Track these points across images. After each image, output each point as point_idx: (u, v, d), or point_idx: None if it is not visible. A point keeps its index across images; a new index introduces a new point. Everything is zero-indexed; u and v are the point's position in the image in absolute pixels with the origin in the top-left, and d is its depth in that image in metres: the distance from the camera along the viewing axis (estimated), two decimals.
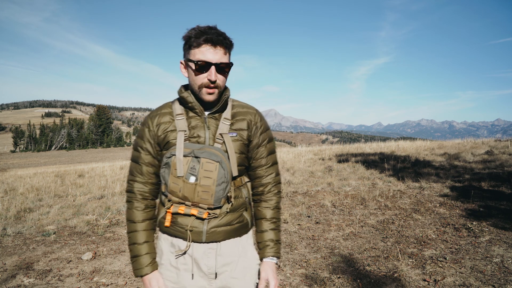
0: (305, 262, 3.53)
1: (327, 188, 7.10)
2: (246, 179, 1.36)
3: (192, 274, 1.28)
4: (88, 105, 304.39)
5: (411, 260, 3.41)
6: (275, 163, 1.40)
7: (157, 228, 1.35)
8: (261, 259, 1.35)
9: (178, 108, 1.28)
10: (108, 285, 3.20)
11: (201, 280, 1.28)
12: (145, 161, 1.28)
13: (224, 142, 1.24)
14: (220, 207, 1.23)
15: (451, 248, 3.68)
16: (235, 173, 1.24)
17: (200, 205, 1.19)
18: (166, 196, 1.24)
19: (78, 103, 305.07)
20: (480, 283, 2.86)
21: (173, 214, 1.24)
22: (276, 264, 1.36)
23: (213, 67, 1.16)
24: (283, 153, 14.80)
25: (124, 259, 3.86)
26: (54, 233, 4.88)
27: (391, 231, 4.37)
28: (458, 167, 8.39)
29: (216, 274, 1.28)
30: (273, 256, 1.34)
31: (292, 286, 3.03)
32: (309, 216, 5.22)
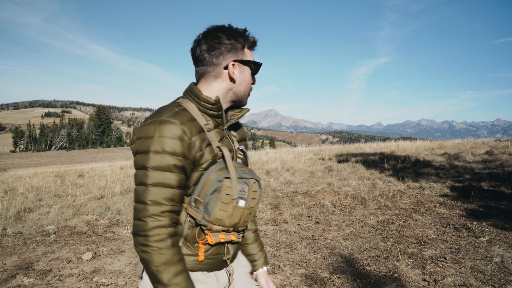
0: (305, 262, 3.53)
1: (327, 188, 7.10)
2: None
3: None
4: (88, 105, 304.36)
5: (411, 260, 3.41)
6: None
7: None
8: (255, 270, 1.34)
9: (199, 115, 1.03)
10: (108, 285, 3.20)
11: None
12: (181, 183, 0.97)
13: (245, 156, 1.17)
14: (246, 229, 1.18)
15: (451, 248, 3.68)
16: None
17: (239, 228, 1.07)
18: (201, 226, 1.02)
19: (78, 103, 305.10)
20: (480, 283, 2.86)
21: (212, 245, 1.06)
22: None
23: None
24: (283, 153, 14.81)
25: (124, 259, 3.86)
26: (54, 233, 4.88)
27: (391, 231, 4.37)
28: (458, 167, 8.39)
29: None
30: (264, 265, 1.34)
31: (292, 286, 3.03)
32: (309, 216, 5.22)
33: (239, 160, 1.13)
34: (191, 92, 1.06)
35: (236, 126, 1.22)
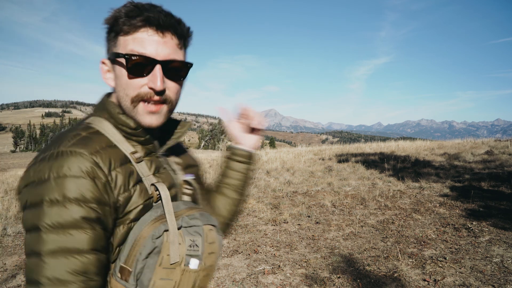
0: (305, 262, 3.54)
1: (327, 188, 7.10)
2: None
3: None
4: (88, 105, 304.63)
5: (411, 260, 3.41)
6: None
7: None
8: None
9: (120, 139, 0.71)
10: None
11: None
12: (97, 245, 0.62)
13: (195, 190, 0.82)
14: None
15: (451, 248, 3.69)
16: None
17: None
18: None
19: (78, 103, 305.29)
20: (480, 283, 2.86)
21: None
22: None
23: (158, 67, 0.67)
24: (283, 153, 14.81)
25: None
26: None
27: (391, 231, 4.38)
28: (458, 167, 8.39)
29: None
30: None
31: (292, 286, 3.03)
32: (309, 216, 5.22)
33: (186, 198, 0.80)
34: (104, 108, 0.73)
35: (178, 149, 0.87)
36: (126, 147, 0.70)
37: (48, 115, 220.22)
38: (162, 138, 0.80)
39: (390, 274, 3.14)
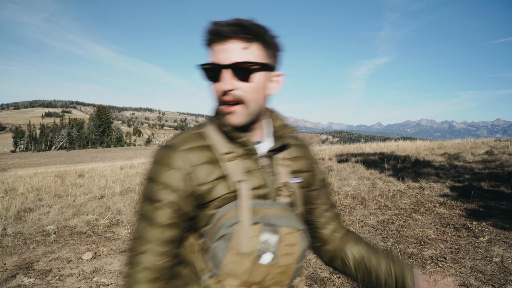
0: (305, 262, 3.54)
1: None
2: None
3: None
4: (88, 105, 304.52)
5: (411, 260, 3.41)
6: (332, 201, 1.04)
7: None
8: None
9: (220, 141, 0.82)
10: (108, 285, 3.20)
11: None
12: (166, 221, 0.77)
13: (293, 194, 0.87)
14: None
15: (451, 248, 3.69)
16: None
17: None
18: (210, 276, 0.76)
19: (78, 103, 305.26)
20: (480, 283, 2.86)
21: None
22: None
23: (224, 72, 0.75)
24: None
25: (124, 259, 3.86)
26: (54, 233, 4.89)
27: (391, 231, 4.38)
28: (458, 167, 8.39)
29: None
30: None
31: None
32: None
33: (282, 199, 0.85)
34: (215, 113, 0.86)
35: (294, 152, 0.92)
36: (222, 147, 0.82)
37: (48, 115, 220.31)
38: (269, 141, 0.89)
39: None
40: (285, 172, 0.87)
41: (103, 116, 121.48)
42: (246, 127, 0.82)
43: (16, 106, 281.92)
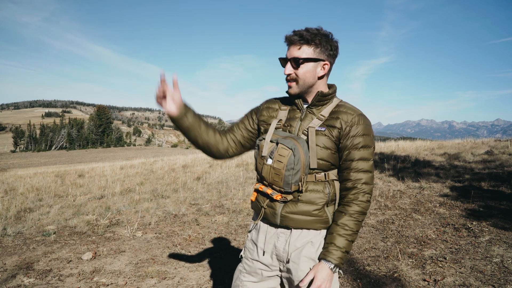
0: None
1: None
2: (333, 176, 1.36)
3: (264, 251, 1.41)
4: (88, 105, 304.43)
5: (411, 260, 3.41)
6: (366, 171, 1.31)
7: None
8: (318, 259, 1.32)
9: (286, 102, 1.46)
10: (108, 285, 3.20)
11: (269, 258, 1.41)
12: (243, 123, 1.50)
13: (308, 134, 1.32)
14: (290, 193, 1.31)
15: (451, 248, 3.68)
16: (313, 165, 1.29)
17: (274, 186, 1.31)
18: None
19: (78, 103, 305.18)
20: (480, 283, 2.86)
21: (255, 190, 1.41)
22: (333, 271, 1.27)
23: (288, 63, 1.31)
24: None
25: (124, 259, 3.86)
26: (54, 233, 4.89)
27: (391, 231, 4.38)
28: (458, 167, 8.39)
29: (285, 258, 1.36)
30: (327, 260, 1.27)
31: None
32: None
33: (302, 135, 1.33)
34: None
35: (332, 114, 1.35)
36: (284, 104, 1.46)
37: (48, 115, 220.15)
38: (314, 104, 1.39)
39: (390, 274, 3.14)
40: (316, 122, 1.34)
41: (103, 116, 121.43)
42: (300, 95, 1.37)
43: (16, 106, 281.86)
